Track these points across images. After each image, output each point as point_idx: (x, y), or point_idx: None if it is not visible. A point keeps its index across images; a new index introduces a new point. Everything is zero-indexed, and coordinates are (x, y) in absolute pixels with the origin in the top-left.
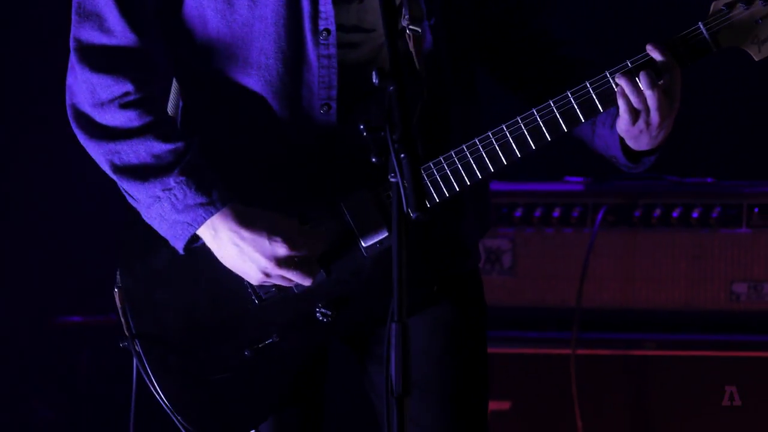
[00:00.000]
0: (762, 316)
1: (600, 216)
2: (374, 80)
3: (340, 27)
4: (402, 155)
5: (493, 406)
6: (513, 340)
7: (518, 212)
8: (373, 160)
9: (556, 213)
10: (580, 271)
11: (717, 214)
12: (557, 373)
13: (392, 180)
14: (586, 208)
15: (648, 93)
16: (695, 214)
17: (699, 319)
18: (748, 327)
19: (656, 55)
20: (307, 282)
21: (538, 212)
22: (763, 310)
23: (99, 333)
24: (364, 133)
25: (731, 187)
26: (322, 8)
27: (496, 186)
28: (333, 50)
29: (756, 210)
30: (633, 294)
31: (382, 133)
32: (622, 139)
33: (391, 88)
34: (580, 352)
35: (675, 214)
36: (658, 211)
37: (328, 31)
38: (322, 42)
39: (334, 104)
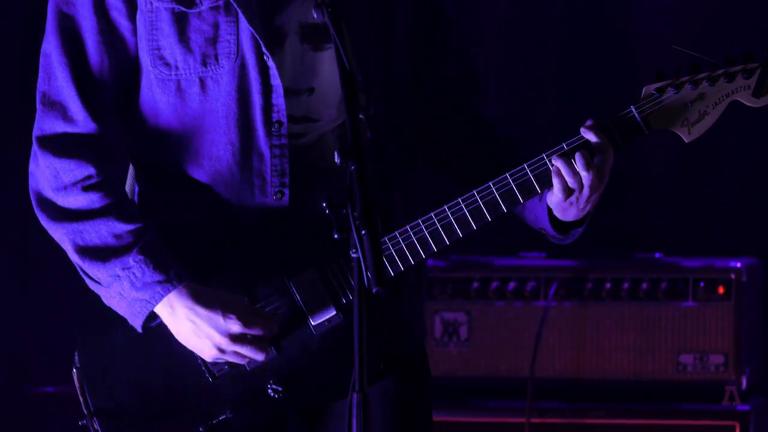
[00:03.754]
0: (708, 385)
1: (552, 290)
2: (336, 160)
3: (290, 118)
4: (363, 232)
5: None
6: (469, 408)
7: (474, 286)
8: (335, 236)
9: (511, 287)
10: (534, 342)
11: (664, 288)
12: None
13: (353, 256)
14: (540, 282)
15: (583, 174)
16: (643, 288)
17: (647, 389)
18: (694, 396)
19: (591, 137)
20: (259, 357)
21: (493, 286)
22: (708, 380)
23: (71, 403)
24: (327, 211)
25: (678, 263)
26: (274, 101)
27: (453, 261)
28: (285, 140)
29: (702, 284)
30: (584, 364)
31: (344, 211)
32: (550, 210)
33: (353, 167)
34: (534, 420)
35: (624, 287)
36: (607, 285)
37: (280, 123)
38: (274, 133)
39: (287, 190)
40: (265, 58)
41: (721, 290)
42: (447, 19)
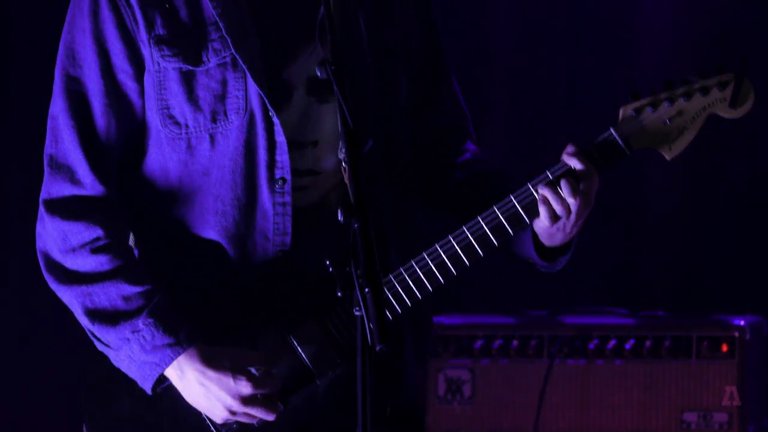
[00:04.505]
0: None
1: (556, 347)
2: (339, 217)
3: (294, 172)
4: (366, 290)
5: None
6: None
7: (478, 344)
8: (338, 294)
9: (514, 344)
10: (537, 400)
11: (668, 346)
12: None
13: (357, 313)
14: (543, 339)
15: (570, 200)
16: (647, 346)
17: None
18: None
19: (575, 164)
20: (270, 417)
21: (496, 344)
22: None
23: None
24: (330, 269)
25: (681, 321)
26: (278, 157)
27: (457, 319)
28: (288, 198)
29: (705, 342)
30: (588, 422)
31: (347, 269)
32: (535, 237)
33: (356, 225)
34: None
35: (627, 345)
36: (611, 343)
37: (284, 179)
38: (277, 190)
39: (288, 249)
40: (270, 114)
41: (724, 348)
42: (443, 67)
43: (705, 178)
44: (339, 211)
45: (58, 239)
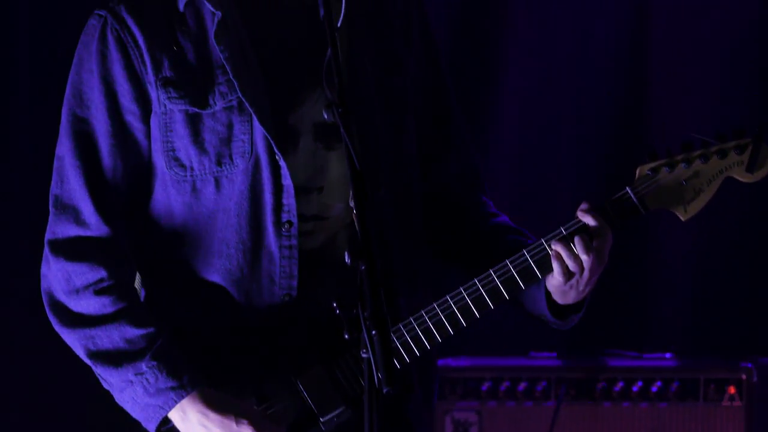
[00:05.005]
0: None
1: (563, 390)
2: (346, 260)
3: (300, 217)
4: (373, 332)
5: None
6: None
7: (485, 386)
8: (345, 336)
9: (522, 387)
10: None
11: (675, 389)
12: None
13: (364, 356)
14: (550, 382)
15: (583, 257)
16: (654, 389)
17: None
18: None
19: (589, 221)
20: None
21: (504, 386)
22: None
23: None
24: (337, 311)
25: (688, 363)
26: (284, 201)
27: (464, 361)
28: (294, 241)
29: (712, 385)
30: None
31: (354, 311)
32: (548, 294)
33: (363, 267)
34: None
35: (635, 388)
36: (618, 386)
37: (290, 223)
38: (284, 233)
39: (294, 293)
40: (277, 157)
41: (732, 390)
42: (452, 114)
43: (715, 219)
44: (346, 253)
45: (62, 280)
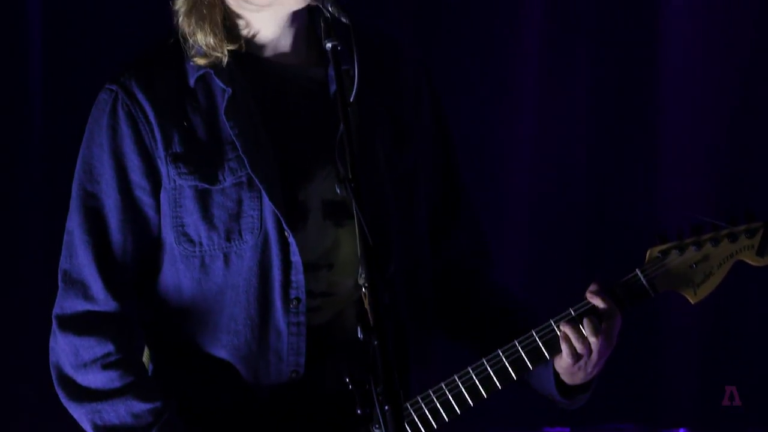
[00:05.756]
0: None
1: None
2: (359, 335)
3: (309, 293)
4: (386, 407)
5: None
6: None
7: None
8: (358, 411)
9: None
10: None
11: None
12: None
13: (376, 431)
14: None
15: (592, 339)
16: None
17: None
18: None
19: (598, 303)
20: None
21: None
22: None
23: None
24: (350, 386)
25: None
26: (293, 278)
27: None
28: (302, 318)
29: None
30: None
31: (367, 386)
32: (556, 374)
33: (375, 342)
34: None
35: None
36: None
37: (298, 299)
38: (292, 310)
39: (302, 369)
40: (286, 234)
41: None
42: (461, 189)
43: (725, 291)
44: (359, 328)
45: (70, 354)
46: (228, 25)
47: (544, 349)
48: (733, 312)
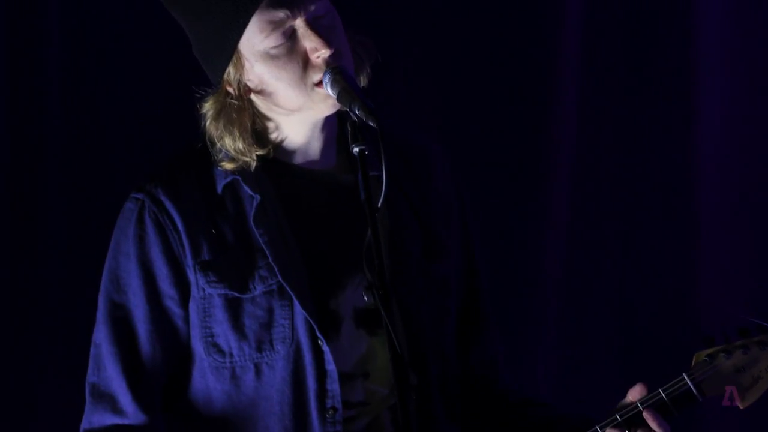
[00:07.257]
0: None
1: None
2: None
3: (345, 403)
4: None
5: None
6: None
7: None
8: None
9: None
10: None
11: None
12: None
13: None
14: None
15: None
16: None
17: None
18: None
19: (648, 419)
20: None
21: None
22: None
23: None
24: None
25: None
26: (328, 387)
27: None
28: (339, 427)
29: None
30: None
31: None
32: None
33: None
34: None
35: None
36: None
37: (335, 409)
38: (328, 420)
39: None
40: (319, 342)
41: None
42: (482, 298)
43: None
44: None
45: None
46: (257, 129)
47: None
48: None
